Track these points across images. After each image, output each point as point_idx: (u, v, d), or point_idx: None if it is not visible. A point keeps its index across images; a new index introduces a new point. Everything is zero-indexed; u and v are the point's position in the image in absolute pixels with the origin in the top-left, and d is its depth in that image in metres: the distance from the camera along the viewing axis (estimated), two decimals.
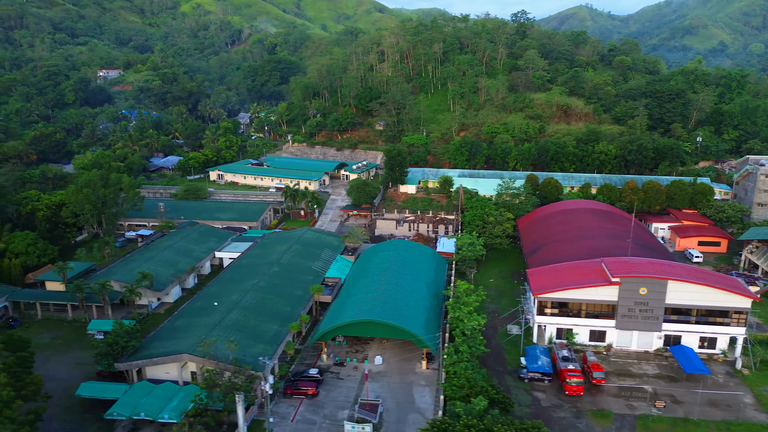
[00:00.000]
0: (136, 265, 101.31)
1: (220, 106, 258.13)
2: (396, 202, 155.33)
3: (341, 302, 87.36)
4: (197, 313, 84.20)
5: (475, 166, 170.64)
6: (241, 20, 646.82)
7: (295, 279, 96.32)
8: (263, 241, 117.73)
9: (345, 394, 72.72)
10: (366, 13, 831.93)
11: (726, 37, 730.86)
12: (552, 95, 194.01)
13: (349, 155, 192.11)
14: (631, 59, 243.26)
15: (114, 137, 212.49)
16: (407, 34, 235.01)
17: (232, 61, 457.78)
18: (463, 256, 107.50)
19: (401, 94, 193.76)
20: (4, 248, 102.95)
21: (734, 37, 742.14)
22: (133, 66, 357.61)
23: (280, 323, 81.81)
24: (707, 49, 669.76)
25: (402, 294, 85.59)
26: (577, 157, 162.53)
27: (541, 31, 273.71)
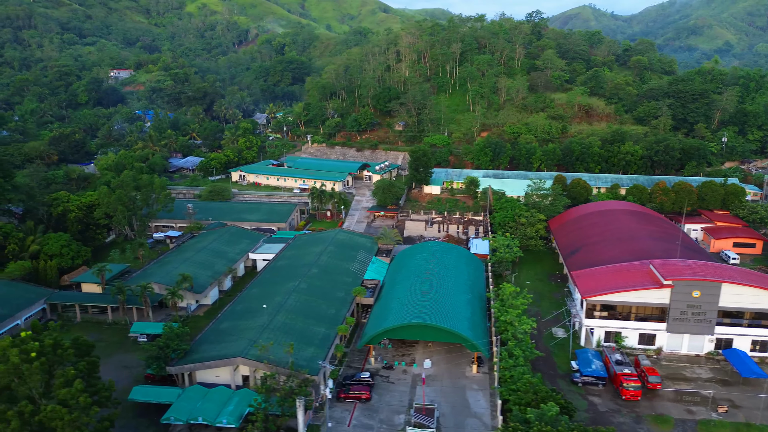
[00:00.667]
0: (172, 267, 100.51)
1: (235, 107, 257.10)
2: (420, 203, 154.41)
3: (385, 305, 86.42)
4: (242, 316, 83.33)
5: (498, 167, 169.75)
6: (248, 20, 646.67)
7: (334, 281, 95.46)
8: (295, 242, 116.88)
9: (398, 399, 71.84)
10: (370, 14, 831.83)
11: (731, 37, 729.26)
12: (573, 95, 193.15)
13: (370, 156, 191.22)
14: (647, 59, 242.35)
15: (132, 138, 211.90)
16: (424, 34, 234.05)
17: (241, 62, 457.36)
18: (499, 258, 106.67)
19: (421, 94, 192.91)
20: (38, 250, 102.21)
21: (739, 37, 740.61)
22: (144, 66, 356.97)
23: (327, 326, 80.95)
24: (713, 50, 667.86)
25: (446, 296, 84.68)
26: (603, 158, 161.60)
27: (556, 31, 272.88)
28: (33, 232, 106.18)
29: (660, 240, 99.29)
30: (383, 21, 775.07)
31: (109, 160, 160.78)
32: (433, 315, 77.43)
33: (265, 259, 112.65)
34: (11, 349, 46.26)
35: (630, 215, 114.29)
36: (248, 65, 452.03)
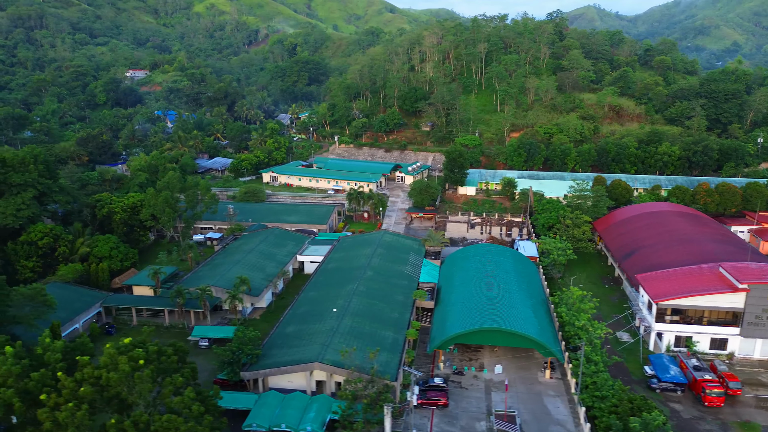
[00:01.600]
0: (224, 270, 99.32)
1: (256, 107, 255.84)
2: (456, 204, 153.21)
3: (447, 308, 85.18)
4: (305, 319, 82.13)
5: (532, 168, 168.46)
6: (257, 20, 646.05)
7: (391, 284, 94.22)
8: (341, 244, 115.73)
9: (476, 405, 70.56)
10: (377, 14, 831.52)
11: (738, 37, 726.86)
12: (604, 96, 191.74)
13: (399, 157, 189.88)
14: (670, 59, 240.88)
15: (156, 139, 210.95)
16: (448, 34, 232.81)
17: (254, 62, 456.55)
18: (552, 261, 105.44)
19: (450, 94, 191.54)
20: (87, 252, 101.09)
21: (747, 37, 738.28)
22: (159, 66, 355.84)
23: (393, 330, 79.74)
24: (721, 50, 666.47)
25: (511, 301, 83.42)
26: (639, 159, 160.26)
27: (578, 31, 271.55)
28: (81, 234, 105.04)
29: (719, 242, 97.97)
30: (390, 21, 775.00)
31: (141, 161, 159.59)
32: (505, 320, 76.16)
33: (313, 261, 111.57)
34: (120, 357, 45.07)
35: (682, 217, 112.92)
36: (261, 65, 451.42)
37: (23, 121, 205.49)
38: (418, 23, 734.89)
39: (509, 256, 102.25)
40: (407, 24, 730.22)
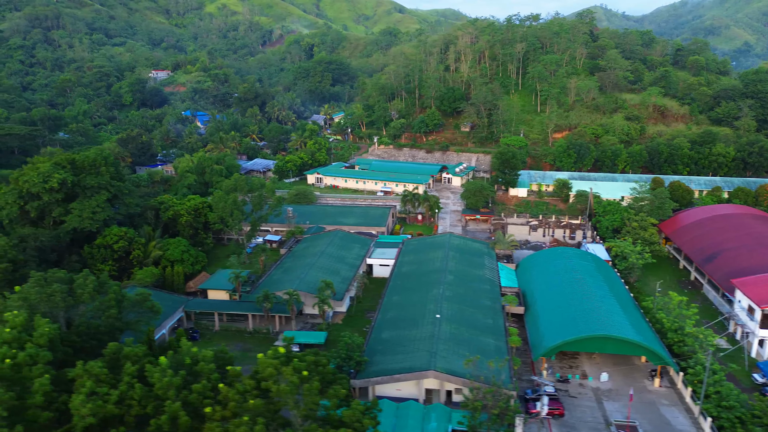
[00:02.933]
0: (300, 273, 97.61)
1: (287, 108, 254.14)
2: (507, 206, 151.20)
3: (542, 314, 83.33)
4: (398, 325, 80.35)
5: (580, 169, 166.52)
6: (270, 21, 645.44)
7: (473, 288, 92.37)
8: (407, 247, 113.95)
9: (590, 414, 68.64)
10: (386, 14, 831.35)
11: (749, 37, 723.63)
12: (648, 96, 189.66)
13: (441, 158, 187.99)
14: (704, 59, 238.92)
15: (191, 140, 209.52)
16: (483, 34, 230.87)
17: (271, 62, 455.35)
18: (631, 264, 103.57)
19: (492, 94, 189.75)
20: (160, 255, 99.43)
21: (757, 37, 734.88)
22: (182, 67, 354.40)
23: (493, 336, 77.88)
24: (732, 50, 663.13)
25: (609, 306, 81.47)
26: (692, 160, 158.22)
27: (610, 31, 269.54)
28: (152, 238, 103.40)
29: None
30: (401, 21, 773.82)
31: (187, 162, 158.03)
32: (612, 326, 74.27)
33: (382, 264, 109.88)
34: (284, 368, 43.28)
35: (757, 220, 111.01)
36: (279, 65, 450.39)
37: (58, 122, 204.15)
38: (428, 24, 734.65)
39: (590, 260, 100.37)
40: (418, 24, 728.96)
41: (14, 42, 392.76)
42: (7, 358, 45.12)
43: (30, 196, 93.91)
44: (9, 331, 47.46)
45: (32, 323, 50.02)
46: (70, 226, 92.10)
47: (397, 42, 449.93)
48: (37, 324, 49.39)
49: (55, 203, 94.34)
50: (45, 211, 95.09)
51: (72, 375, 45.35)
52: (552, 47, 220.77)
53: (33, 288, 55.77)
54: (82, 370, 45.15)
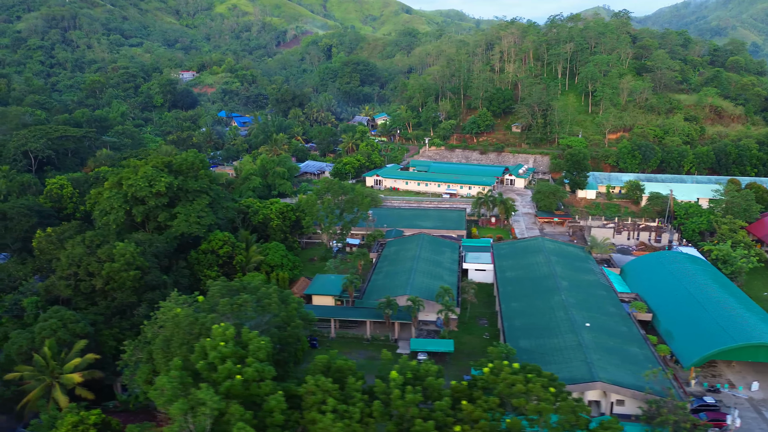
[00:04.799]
0: (405, 278, 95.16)
1: (326, 109, 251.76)
2: (576, 208, 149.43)
3: (677, 321, 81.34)
4: (533, 333, 78.10)
5: (644, 170, 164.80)
6: (282, 21, 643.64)
7: (593, 294, 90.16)
8: (500, 252, 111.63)
9: (757, 426, 66.54)
10: (393, 14, 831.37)
11: (756, 38, 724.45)
12: (704, 96, 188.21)
13: (495, 159, 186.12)
14: (743, 59, 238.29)
15: (236, 141, 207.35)
16: (528, 35, 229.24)
17: (291, 63, 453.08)
18: (738, 268, 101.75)
19: (547, 94, 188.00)
20: (261, 260, 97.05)
21: (764, 38, 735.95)
22: (208, 68, 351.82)
23: (636, 344, 75.69)
24: None
25: (749, 312, 79.57)
26: (761, 161, 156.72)
27: (650, 31, 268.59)
28: (251, 242, 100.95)
29: None
30: (408, 22, 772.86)
31: (249, 164, 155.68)
32: (766, 334, 72.35)
33: (478, 269, 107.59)
34: (531, 385, 41.09)
35: None
36: (299, 66, 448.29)
37: (103, 123, 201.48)
38: (437, 24, 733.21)
39: (702, 264, 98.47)
40: (426, 24, 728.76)
41: (33, 42, 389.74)
42: (236, 374, 42.75)
43: (134, 200, 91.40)
44: (225, 345, 45.02)
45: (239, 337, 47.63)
46: (179, 230, 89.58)
47: (417, 43, 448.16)
48: (247, 337, 46.99)
49: (160, 208, 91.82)
50: (149, 215, 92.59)
51: (304, 390, 43.04)
52: (598, 47, 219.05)
53: (215, 296, 53.36)
54: (313, 385, 42.85)
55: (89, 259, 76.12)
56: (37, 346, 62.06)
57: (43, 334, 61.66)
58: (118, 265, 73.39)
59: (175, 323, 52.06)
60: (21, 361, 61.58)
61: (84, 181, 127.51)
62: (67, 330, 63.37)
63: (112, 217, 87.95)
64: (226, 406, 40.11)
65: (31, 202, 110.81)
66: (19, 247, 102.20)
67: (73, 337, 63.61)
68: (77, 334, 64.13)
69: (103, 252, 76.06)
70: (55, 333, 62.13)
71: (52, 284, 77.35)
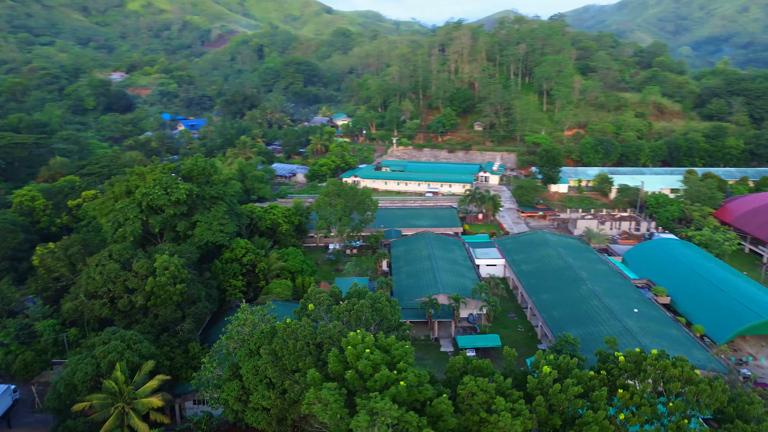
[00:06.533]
0: (431, 277, 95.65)
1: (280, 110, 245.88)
2: (551, 202, 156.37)
3: (696, 301, 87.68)
4: (576, 323, 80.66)
5: (605, 164, 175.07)
6: (204, 20, 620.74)
7: (613, 282, 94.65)
8: (505, 246, 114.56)
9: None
10: (315, 15, 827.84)
11: (651, 41, 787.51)
12: (647, 94, 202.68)
13: (464, 157, 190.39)
14: (667, 60, 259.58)
15: (193, 145, 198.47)
16: (483, 35, 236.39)
17: (222, 63, 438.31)
18: (723, 251, 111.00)
19: (508, 94, 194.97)
20: (281, 267, 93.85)
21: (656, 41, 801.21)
22: (138, 68, 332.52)
23: (672, 327, 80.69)
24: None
25: (758, 289, 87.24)
26: (707, 153, 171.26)
27: (585, 33, 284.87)
28: (268, 249, 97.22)
29: None
30: (331, 22, 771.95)
31: (227, 168, 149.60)
32: None
33: (489, 264, 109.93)
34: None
35: None
36: (230, 66, 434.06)
37: (45, 129, 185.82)
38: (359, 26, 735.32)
39: (695, 249, 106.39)
40: (349, 25, 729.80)
41: None
42: (395, 380, 41.61)
43: (150, 209, 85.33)
44: (371, 352, 43.53)
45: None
46: (203, 240, 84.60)
47: (351, 43, 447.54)
48: (384, 342, 45.68)
49: (178, 216, 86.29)
50: (165, 225, 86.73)
51: (465, 391, 42.61)
52: (546, 48, 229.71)
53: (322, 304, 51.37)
54: (474, 386, 42.57)
55: (126, 274, 70.40)
56: (103, 372, 56.77)
57: (109, 357, 56.44)
58: (164, 279, 68.43)
59: (291, 334, 49.54)
60: (86, 389, 56.07)
61: (57, 192, 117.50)
62: (133, 351, 58.44)
63: (128, 229, 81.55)
64: (400, 415, 38.93)
65: (9, 216, 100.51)
66: (6, 266, 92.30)
67: (141, 358, 58.77)
68: (144, 355, 59.31)
69: (141, 266, 70.63)
70: (122, 355, 57.10)
71: (82, 304, 70.73)
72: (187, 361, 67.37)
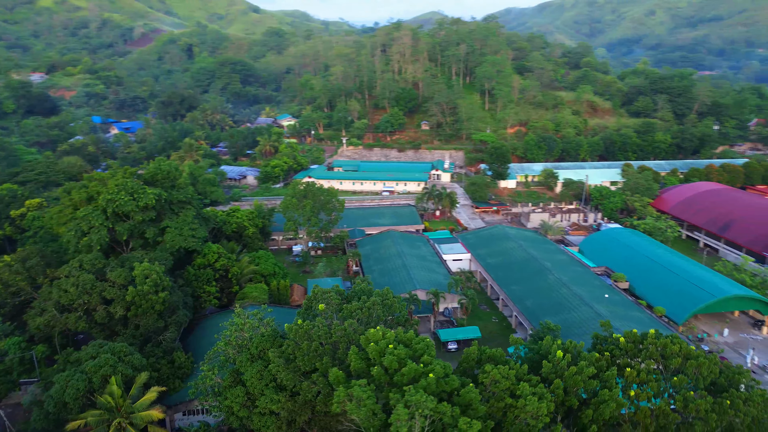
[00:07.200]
0: (405, 274, 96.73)
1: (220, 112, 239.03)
2: (501, 197, 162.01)
3: (654, 285, 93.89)
4: (550, 311, 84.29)
5: (548, 160, 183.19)
6: (125, 18, 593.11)
7: (575, 271, 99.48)
8: (470, 242, 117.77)
9: (744, 364, 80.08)
10: (242, 14, 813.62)
11: (569, 42, 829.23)
12: (581, 93, 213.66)
13: (414, 156, 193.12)
14: (593, 60, 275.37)
15: (131, 150, 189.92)
16: (424, 36, 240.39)
17: (148, 63, 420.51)
18: (666, 238, 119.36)
19: (452, 93, 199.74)
20: (254, 271, 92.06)
21: (575, 42, 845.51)
22: (60, 68, 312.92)
23: (636, 310, 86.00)
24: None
25: (709, 272, 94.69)
26: (639, 147, 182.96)
27: (518, 34, 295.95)
28: (238, 253, 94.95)
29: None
30: (259, 21, 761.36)
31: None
32: (735, 287, 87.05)
33: (455, 259, 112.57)
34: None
35: (737, 192, 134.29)
36: (158, 66, 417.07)
37: None
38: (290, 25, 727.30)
39: (644, 237, 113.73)
40: (278, 25, 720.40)
41: None
42: (422, 373, 42.45)
43: (116, 216, 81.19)
44: (394, 347, 44.06)
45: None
46: (175, 246, 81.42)
47: (285, 43, 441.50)
48: (404, 337, 46.33)
49: (147, 223, 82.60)
50: (133, 232, 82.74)
51: (488, 380, 44.05)
52: (485, 49, 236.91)
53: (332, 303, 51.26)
54: (497, 374, 44.07)
55: (103, 285, 66.86)
56: (96, 387, 53.85)
57: (102, 371, 53.60)
58: (147, 287, 65.59)
59: (304, 335, 49.08)
60: (78, 407, 52.98)
61: None
62: (125, 364, 55.78)
63: (94, 237, 77.23)
64: (435, 406, 39.77)
65: None
66: None
67: (134, 370, 56.18)
68: (136, 368, 56.73)
69: (118, 275, 67.33)
70: (114, 369, 54.38)
71: (53, 319, 66.46)
72: (174, 371, 65.05)
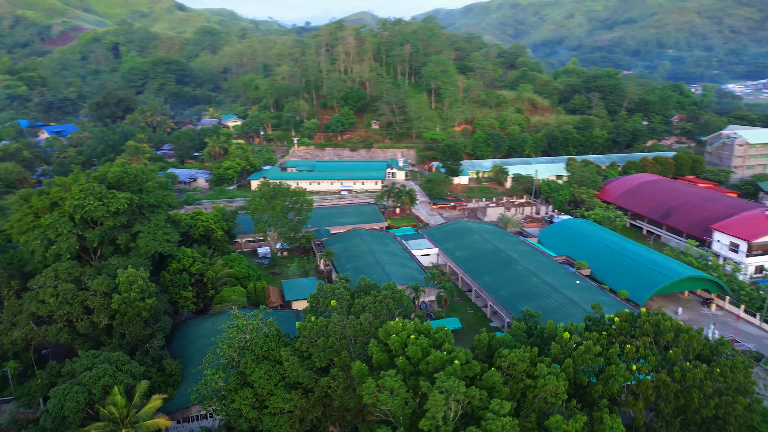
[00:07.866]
0: (381, 270, 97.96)
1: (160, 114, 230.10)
2: (455, 193, 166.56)
3: (613, 270, 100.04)
4: (524, 299, 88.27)
5: (496, 156, 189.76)
6: (40, 15, 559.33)
7: (540, 261, 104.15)
8: (435, 236, 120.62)
9: None
10: (167, 12, 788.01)
11: (497, 42, 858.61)
12: (522, 92, 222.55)
13: (366, 155, 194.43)
14: (528, 60, 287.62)
15: (68, 154, 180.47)
16: (368, 35, 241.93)
17: (71, 63, 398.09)
18: (615, 227, 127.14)
19: (403, 93, 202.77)
20: (228, 274, 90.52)
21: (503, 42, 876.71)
22: None
23: (602, 294, 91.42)
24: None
25: (661, 256, 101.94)
26: (579, 142, 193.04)
27: (456, 35, 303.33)
28: (210, 256, 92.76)
29: (727, 198, 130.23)
30: (186, 20, 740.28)
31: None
32: (687, 269, 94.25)
33: (423, 254, 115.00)
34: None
35: (674, 182, 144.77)
36: (83, 66, 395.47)
37: None
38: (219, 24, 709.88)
39: (598, 226, 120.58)
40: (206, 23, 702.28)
41: None
42: (447, 361, 44.07)
43: (84, 223, 77.42)
44: (417, 338, 45.37)
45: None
46: (150, 251, 78.56)
47: (219, 42, 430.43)
48: (422, 328, 47.68)
49: (118, 228, 79.26)
50: (104, 239, 79.12)
51: (506, 363, 46.20)
52: (428, 49, 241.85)
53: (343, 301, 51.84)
54: (515, 357, 46.29)
55: (84, 294, 63.91)
56: (96, 399, 51.70)
57: (102, 382, 51.52)
58: (134, 294, 63.32)
59: (319, 331, 49.38)
60: (78, 420, 50.69)
61: None
62: (125, 373, 53.85)
63: (64, 246, 73.34)
64: (466, 391, 41.42)
65: None
66: None
67: (134, 379, 54.33)
68: (136, 376, 54.88)
69: (100, 283, 64.57)
70: (115, 378, 52.42)
71: (31, 332, 62.85)
72: (165, 378, 63.25)
